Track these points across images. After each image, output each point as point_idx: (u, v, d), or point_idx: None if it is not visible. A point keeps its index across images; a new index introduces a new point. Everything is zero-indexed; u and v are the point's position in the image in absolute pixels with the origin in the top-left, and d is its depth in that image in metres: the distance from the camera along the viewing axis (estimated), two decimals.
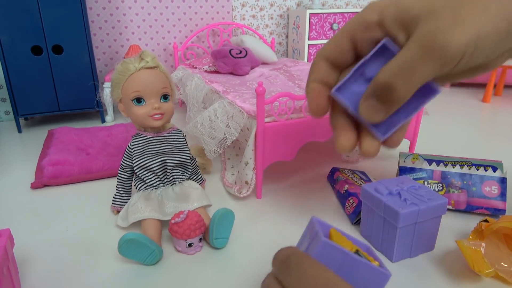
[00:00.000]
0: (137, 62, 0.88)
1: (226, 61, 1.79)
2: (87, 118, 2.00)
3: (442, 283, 0.70)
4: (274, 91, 1.33)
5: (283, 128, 0.98)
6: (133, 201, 0.89)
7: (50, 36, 1.68)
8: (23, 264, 0.77)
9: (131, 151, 0.91)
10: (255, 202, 1.02)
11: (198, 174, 1.03)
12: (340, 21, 2.34)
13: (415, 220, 0.73)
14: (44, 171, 1.18)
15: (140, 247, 0.74)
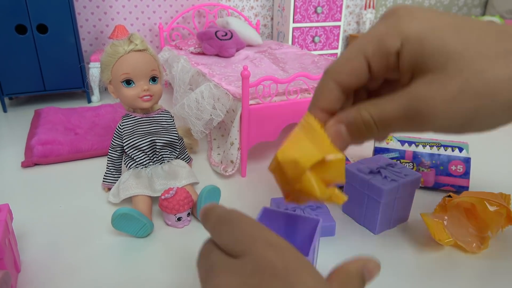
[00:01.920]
0: (126, 44, 0.91)
1: (212, 43, 1.81)
2: (73, 98, 2.01)
3: (412, 250, 0.78)
4: (258, 74, 1.37)
5: (267, 110, 1.04)
6: (124, 179, 0.93)
7: (34, 15, 1.67)
8: (21, 238, 0.81)
9: (121, 131, 0.95)
10: (240, 180, 1.08)
11: (186, 153, 1.08)
12: (324, 5, 2.37)
13: (395, 195, 0.81)
14: (34, 150, 1.20)
15: (132, 221, 0.79)
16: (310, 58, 1.66)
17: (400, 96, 0.30)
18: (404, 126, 0.30)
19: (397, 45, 0.30)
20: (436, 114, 0.28)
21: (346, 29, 2.92)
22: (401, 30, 0.30)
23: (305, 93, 1.12)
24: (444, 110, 0.28)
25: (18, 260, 0.71)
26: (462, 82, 0.28)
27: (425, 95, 0.28)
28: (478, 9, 3.35)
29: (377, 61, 0.31)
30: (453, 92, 0.28)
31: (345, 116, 0.32)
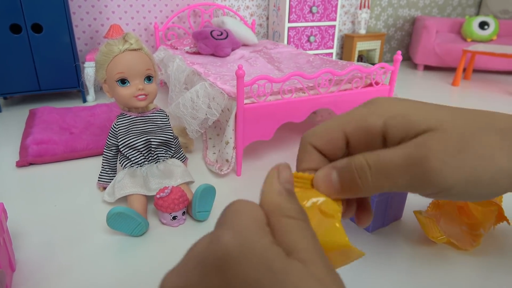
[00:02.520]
0: (121, 44, 0.91)
1: (207, 43, 1.82)
2: (68, 97, 2.00)
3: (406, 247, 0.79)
4: (254, 73, 1.38)
5: (262, 109, 1.04)
6: (119, 178, 0.94)
7: (29, 14, 1.67)
8: (15, 237, 0.81)
9: (116, 130, 0.95)
10: (235, 179, 1.09)
11: (181, 153, 1.08)
12: (319, 5, 2.38)
13: (389, 193, 0.82)
14: (29, 150, 1.20)
15: (128, 219, 0.79)
16: (306, 58, 1.66)
17: (402, 145, 0.29)
18: (403, 177, 0.29)
19: (379, 124, 0.30)
20: (441, 167, 0.27)
21: (341, 29, 2.93)
22: (383, 111, 0.31)
23: (300, 92, 1.12)
24: (446, 163, 0.27)
25: (13, 259, 0.71)
26: (460, 142, 0.28)
27: (429, 146, 0.28)
28: (472, 9, 3.38)
29: (357, 138, 0.31)
30: (454, 147, 0.28)
31: (339, 163, 0.31)
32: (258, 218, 0.24)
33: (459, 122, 0.29)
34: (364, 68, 1.16)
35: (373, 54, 2.92)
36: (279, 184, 0.26)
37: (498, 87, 2.27)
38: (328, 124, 0.33)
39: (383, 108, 0.31)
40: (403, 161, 0.28)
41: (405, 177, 0.29)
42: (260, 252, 0.21)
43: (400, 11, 3.11)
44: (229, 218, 0.24)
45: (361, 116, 0.31)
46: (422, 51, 2.77)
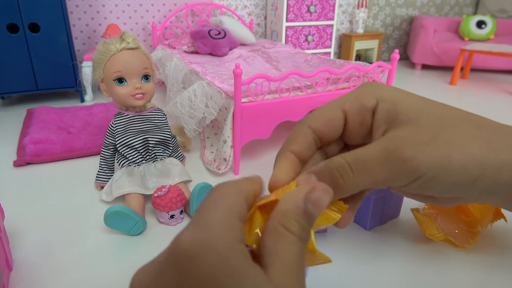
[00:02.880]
0: (118, 43, 0.91)
1: (205, 42, 1.82)
2: (66, 97, 2.00)
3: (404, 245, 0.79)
4: (251, 72, 1.38)
5: (259, 108, 1.04)
6: (116, 177, 0.93)
7: (26, 14, 1.66)
8: (13, 237, 0.81)
9: (113, 130, 0.95)
10: (233, 178, 1.08)
11: (179, 152, 1.08)
12: (317, 4, 2.38)
13: (387, 191, 0.82)
14: (26, 149, 1.20)
15: (125, 218, 0.79)
16: (303, 57, 1.67)
17: (379, 140, 0.30)
18: (382, 169, 0.30)
19: (373, 102, 0.32)
20: (414, 154, 0.29)
21: (339, 28, 2.93)
22: (376, 92, 0.33)
23: (297, 91, 1.12)
24: (421, 151, 0.29)
25: (10, 259, 0.71)
26: (434, 132, 0.30)
27: (403, 137, 0.29)
28: (470, 8, 3.38)
29: (354, 115, 0.33)
30: (427, 136, 0.29)
31: (316, 167, 0.31)
32: (233, 210, 0.24)
33: (437, 114, 0.31)
34: (362, 67, 1.16)
35: (371, 53, 2.93)
36: (303, 200, 0.25)
37: (495, 86, 2.27)
38: (326, 106, 0.34)
39: (377, 90, 0.33)
40: (382, 155, 0.30)
41: (384, 170, 0.30)
42: (221, 249, 0.21)
43: (397, 10, 3.11)
44: (205, 208, 0.24)
45: (357, 95, 0.33)
46: (419, 50, 2.78)
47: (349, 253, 0.70)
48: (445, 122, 0.31)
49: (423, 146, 0.29)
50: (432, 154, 0.29)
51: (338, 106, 0.33)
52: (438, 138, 0.29)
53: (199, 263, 0.21)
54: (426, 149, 0.29)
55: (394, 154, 0.29)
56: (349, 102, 0.33)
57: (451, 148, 0.29)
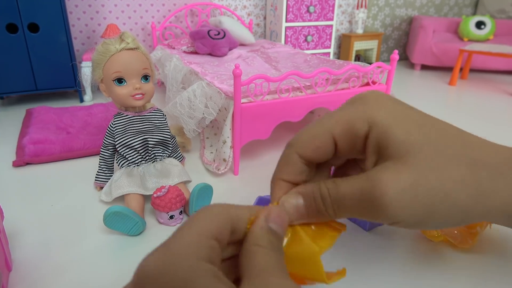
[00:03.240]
0: (117, 43, 0.91)
1: (205, 42, 1.82)
2: (65, 97, 2.00)
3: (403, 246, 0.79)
4: (251, 73, 1.38)
5: (259, 108, 1.04)
6: (116, 177, 0.93)
7: (25, 14, 1.66)
8: (12, 237, 0.81)
9: (113, 130, 0.95)
10: (233, 178, 1.09)
11: (178, 152, 1.08)
12: (317, 4, 2.39)
13: None
14: (26, 150, 1.20)
15: (125, 219, 0.79)
16: (303, 57, 1.67)
17: (358, 178, 0.31)
18: (358, 209, 0.31)
19: (365, 130, 0.31)
20: (387, 202, 0.28)
21: (339, 28, 2.93)
22: (369, 115, 0.31)
23: (297, 91, 1.12)
24: (396, 199, 0.28)
25: (9, 259, 0.71)
26: (417, 176, 0.29)
27: (380, 179, 0.29)
28: (469, 9, 3.39)
29: (344, 142, 0.32)
30: (406, 182, 0.29)
31: (304, 189, 0.32)
32: (206, 230, 0.25)
33: (430, 152, 0.30)
34: (361, 68, 1.16)
35: (371, 53, 2.93)
36: (265, 221, 0.28)
37: (495, 87, 2.28)
38: (315, 130, 0.33)
39: (369, 112, 0.31)
40: (357, 195, 0.30)
41: (358, 209, 0.31)
42: (184, 270, 0.22)
43: (397, 10, 3.12)
44: (179, 229, 0.26)
45: (348, 120, 0.32)
46: (419, 51, 2.78)
47: (348, 254, 0.70)
48: (436, 163, 0.30)
49: (403, 194, 0.28)
50: (413, 203, 0.29)
51: (327, 131, 0.32)
52: (421, 184, 0.29)
53: (162, 286, 0.21)
54: (406, 197, 0.28)
55: (370, 199, 0.29)
56: (339, 127, 0.32)
57: (434, 198, 0.29)
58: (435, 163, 0.30)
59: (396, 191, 0.29)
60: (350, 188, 0.31)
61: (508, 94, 2.08)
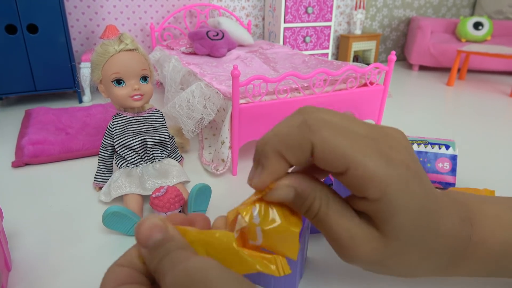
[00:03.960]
0: (116, 44, 0.92)
1: (203, 43, 1.82)
2: (64, 98, 2.00)
3: None
4: (249, 74, 1.38)
5: (257, 109, 1.05)
6: (115, 178, 0.94)
7: (24, 15, 1.66)
8: (11, 237, 0.81)
9: (112, 130, 0.96)
10: (231, 179, 1.09)
11: (177, 153, 1.09)
12: (315, 5, 2.39)
13: None
14: (25, 150, 1.20)
15: (123, 219, 0.79)
16: (301, 58, 1.67)
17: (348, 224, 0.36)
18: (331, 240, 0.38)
19: (375, 196, 0.35)
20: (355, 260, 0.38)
21: (337, 29, 2.94)
22: (384, 184, 0.34)
23: (295, 92, 1.13)
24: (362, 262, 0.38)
25: (8, 259, 0.71)
26: (389, 253, 0.37)
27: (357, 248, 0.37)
28: (467, 10, 3.40)
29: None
30: (377, 257, 0.37)
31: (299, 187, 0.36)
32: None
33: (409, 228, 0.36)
34: (359, 68, 1.17)
35: (369, 54, 2.94)
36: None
37: (492, 87, 2.29)
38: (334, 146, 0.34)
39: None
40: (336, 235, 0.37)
41: (331, 240, 0.38)
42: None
43: (395, 11, 3.13)
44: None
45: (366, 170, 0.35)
46: (417, 52, 2.79)
47: None
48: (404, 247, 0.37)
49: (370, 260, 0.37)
50: (371, 268, 0.40)
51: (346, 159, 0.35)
52: (388, 261, 0.38)
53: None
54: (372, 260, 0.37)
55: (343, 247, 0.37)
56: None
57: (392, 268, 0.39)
58: (403, 242, 0.37)
59: (364, 261, 0.37)
60: (336, 226, 0.36)
61: (506, 95, 2.09)
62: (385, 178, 0.33)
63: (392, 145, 0.36)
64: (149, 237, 0.28)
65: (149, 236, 0.28)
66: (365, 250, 0.36)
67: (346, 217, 0.36)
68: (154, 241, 0.28)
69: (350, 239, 0.36)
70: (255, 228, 0.34)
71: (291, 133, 0.35)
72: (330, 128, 0.34)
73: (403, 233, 0.36)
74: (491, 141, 1.37)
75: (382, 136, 0.36)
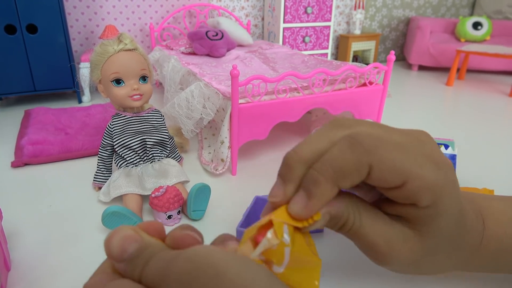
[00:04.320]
0: (115, 44, 0.92)
1: (203, 43, 1.82)
2: (64, 98, 2.00)
3: None
4: (249, 73, 1.38)
5: (257, 109, 1.05)
6: (114, 178, 0.94)
7: (24, 15, 1.66)
8: (11, 237, 0.82)
9: (111, 130, 0.96)
10: (231, 178, 1.09)
11: (176, 152, 1.09)
12: (314, 5, 2.39)
13: None
14: (24, 150, 1.20)
15: (123, 219, 0.79)
16: (300, 58, 1.67)
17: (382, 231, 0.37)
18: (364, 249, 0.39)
19: (426, 203, 0.35)
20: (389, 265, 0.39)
21: (336, 29, 2.94)
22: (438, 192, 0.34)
23: (294, 92, 1.13)
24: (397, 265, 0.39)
25: (8, 259, 0.72)
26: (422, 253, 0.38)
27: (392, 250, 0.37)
28: (466, 10, 3.40)
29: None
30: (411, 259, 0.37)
31: (335, 211, 0.36)
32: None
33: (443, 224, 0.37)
34: (358, 68, 1.17)
35: (368, 54, 2.94)
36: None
37: (491, 87, 2.29)
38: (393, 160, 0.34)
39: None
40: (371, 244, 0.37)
41: (364, 249, 0.39)
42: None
43: (394, 11, 3.13)
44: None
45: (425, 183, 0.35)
46: (416, 51, 2.79)
47: (347, 252, 0.70)
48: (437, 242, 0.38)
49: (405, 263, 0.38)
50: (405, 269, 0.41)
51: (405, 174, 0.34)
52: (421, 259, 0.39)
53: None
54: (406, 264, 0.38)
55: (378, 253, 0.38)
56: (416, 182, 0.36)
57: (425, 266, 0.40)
58: (438, 240, 0.37)
59: (401, 262, 0.37)
60: (372, 234, 0.36)
61: (505, 94, 2.09)
62: (440, 184, 0.33)
63: (433, 149, 0.35)
64: (122, 251, 0.25)
65: (123, 250, 0.25)
66: (402, 251, 0.36)
67: (379, 223, 0.36)
68: (130, 253, 0.25)
69: (386, 243, 0.36)
70: (283, 249, 0.29)
71: (345, 158, 0.32)
72: (383, 145, 0.33)
73: (441, 233, 0.36)
74: (490, 141, 1.37)
75: (418, 141, 0.36)
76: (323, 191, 0.32)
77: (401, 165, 0.32)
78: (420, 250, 0.37)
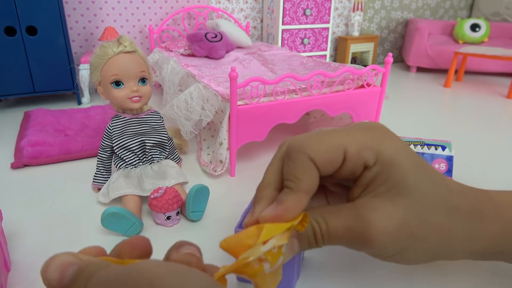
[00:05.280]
0: (115, 46, 0.92)
1: (202, 45, 1.83)
2: (63, 100, 2.01)
3: None
4: (248, 75, 1.39)
5: (255, 110, 1.06)
6: (113, 179, 0.94)
7: (23, 17, 1.67)
8: (11, 238, 0.82)
9: (111, 132, 0.96)
10: (229, 180, 1.10)
11: (175, 154, 1.09)
12: (313, 7, 2.40)
13: None
14: (24, 152, 1.21)
15: (122, 220, 0.80)
16: (299, 60, 1.68)
17: (347, 214, 0.37)
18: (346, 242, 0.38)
19: (372, 161, 0.37)
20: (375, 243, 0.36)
21: (335, 31, 2.95)
22: (379, 147, 0.37)
23: (293, 93, 1.14)
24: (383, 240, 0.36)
25: (8, 260, 0.72)
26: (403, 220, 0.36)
27: (370, 222, 0.36)
28: (464, 12, 3.42)
29: (352, 161, 0.37)
30: (393, 227, 0.36)
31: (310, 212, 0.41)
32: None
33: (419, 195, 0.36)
34: (356, 70, 1.18)
35: (367, 56, 2.95)
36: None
37: (489, 89, 2.30)
38: (331, 140, 0.37)
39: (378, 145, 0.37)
40: (346, 233, 0.37)
41: (346, 242, 0.38)
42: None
43: (393, 13, 3.14)
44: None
45: (361, 145, 0.37)
46: (414, 53, 2.80)
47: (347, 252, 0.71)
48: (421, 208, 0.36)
49: (389, 236, 0.36)
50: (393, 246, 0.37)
51: (342, 147, 0.37)
52: (405, 229, 0.36)
53: None
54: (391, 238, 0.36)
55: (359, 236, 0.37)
56: (352, 147, 0.37)
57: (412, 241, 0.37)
58: (420, 208, 0.36)
59: (384, 233, 0.36)
60: (341, 226, 0.37)
61: (502, 96, 2.10)
62: (376, 140, 0.37)
63: (365, 123, 0.40)
64: (62, 277, 0.25)
65: (61, 276, 0.25)
66: (382, 220, 0.36)
67: (343, 211, 0.38)
68: (70, 276, 0.25)
69: (359, 222, 0.37)
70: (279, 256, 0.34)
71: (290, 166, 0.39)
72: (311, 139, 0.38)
73: (412, 186, 0.36)
74: (488, 142, 1.38)
75: (353, 125, 0.40)
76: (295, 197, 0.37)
77: (336, 142, 0.36)
78: (403, 213, 0.36)
